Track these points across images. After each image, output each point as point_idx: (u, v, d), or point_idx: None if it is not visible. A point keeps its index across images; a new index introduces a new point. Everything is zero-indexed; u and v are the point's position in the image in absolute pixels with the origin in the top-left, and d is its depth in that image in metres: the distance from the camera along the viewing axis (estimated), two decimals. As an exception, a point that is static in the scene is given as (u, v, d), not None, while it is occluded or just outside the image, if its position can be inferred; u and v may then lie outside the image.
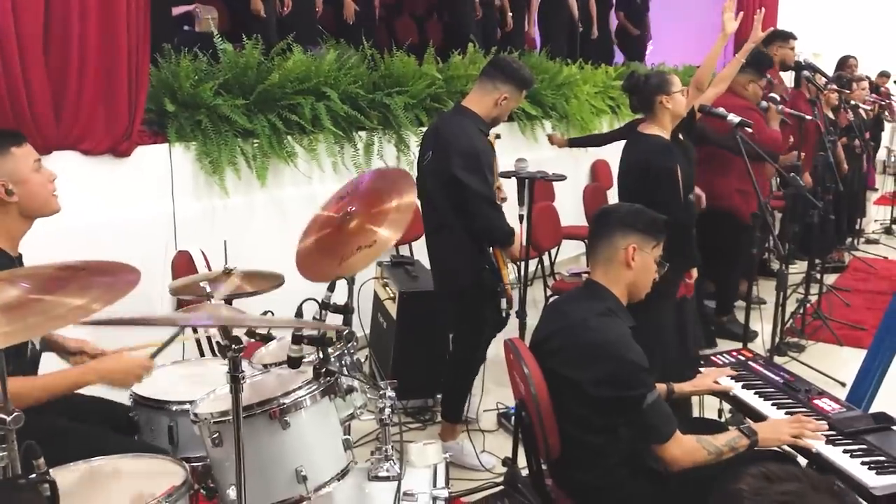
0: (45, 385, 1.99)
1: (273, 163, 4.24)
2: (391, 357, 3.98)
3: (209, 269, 3.52)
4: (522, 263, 3.44)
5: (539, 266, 6.06)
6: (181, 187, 3.82)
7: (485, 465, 3.43)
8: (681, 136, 4.02)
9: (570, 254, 6.77)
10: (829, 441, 2.19)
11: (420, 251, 4.13)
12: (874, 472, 2.03)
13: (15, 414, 1.36)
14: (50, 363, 2.32)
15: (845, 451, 2.13)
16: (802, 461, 2.30)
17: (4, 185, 2.07)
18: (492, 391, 4.09)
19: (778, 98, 4.82)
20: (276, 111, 4.22)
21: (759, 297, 5.43)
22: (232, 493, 1.85)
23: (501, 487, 3.25)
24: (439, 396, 3.78)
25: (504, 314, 3.42)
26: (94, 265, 1.44)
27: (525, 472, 2.65)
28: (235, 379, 1.58)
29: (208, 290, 1.48)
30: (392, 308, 4.06)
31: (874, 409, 2.46)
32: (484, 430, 3.80)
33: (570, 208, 6.60)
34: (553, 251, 6.28)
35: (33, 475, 1.32)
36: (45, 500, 1.32)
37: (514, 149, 5.71)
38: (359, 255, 2.08)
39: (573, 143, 5.34)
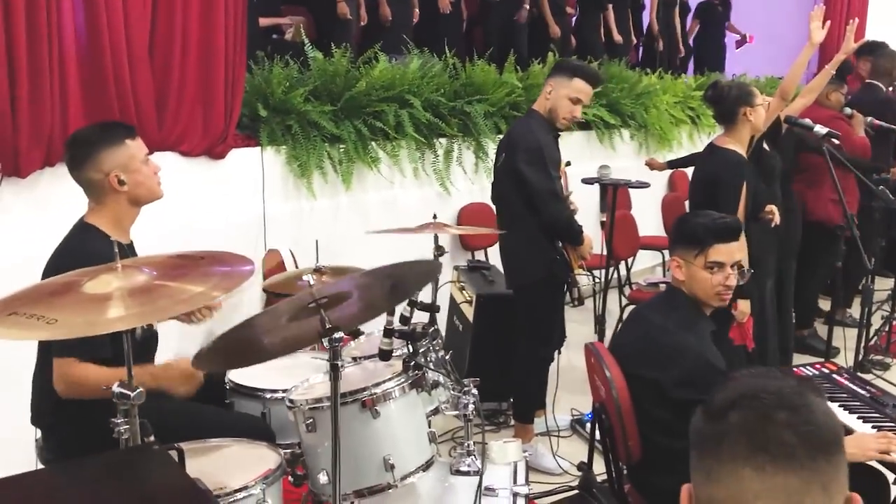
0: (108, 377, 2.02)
1: (357, 167, 4.37)
2: (467, 359, 4.04)
3: (297, 267, 3.66)
4: (602, 270, 3.48)
5: (615, 275, 6.05)
6: (271, 189, 3.98)
7: (561, 468, 3.46)
8: (766, 147, 3.99)
9: (646, 264, 6.74)
10: (917, 456, 2.15)
11: (495, 257, 4.19)
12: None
13: (138, 391, 1.47)
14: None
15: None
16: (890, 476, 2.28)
17: (118, 176, 2.20)
18: (563, 398, 4.11)
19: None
20: (362, 117, 4.36)
21: (852, 317, 5.30)
22: (322, 477, 1.95)
23: (576, 492, 3.28)
24: (512, 400, 3.83)
25: (575, 305, 3.51)
26: (212, 255, 1.56)
27: (599, 478, 2.68)
28: (335, 367, 1.67)
29: (311, 282, 1.57)
30: (468, 311, 4.13)
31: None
32: (558, 435, 3.83)
33: (647, 218, 6.57)
34: (629, 260, 6.26)
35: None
36: (175, 464, 1.43)
37: (590, 157, 5.73)
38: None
39: (672, 164, 5.30)
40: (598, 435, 3.25)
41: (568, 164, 3.75)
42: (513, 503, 2.13)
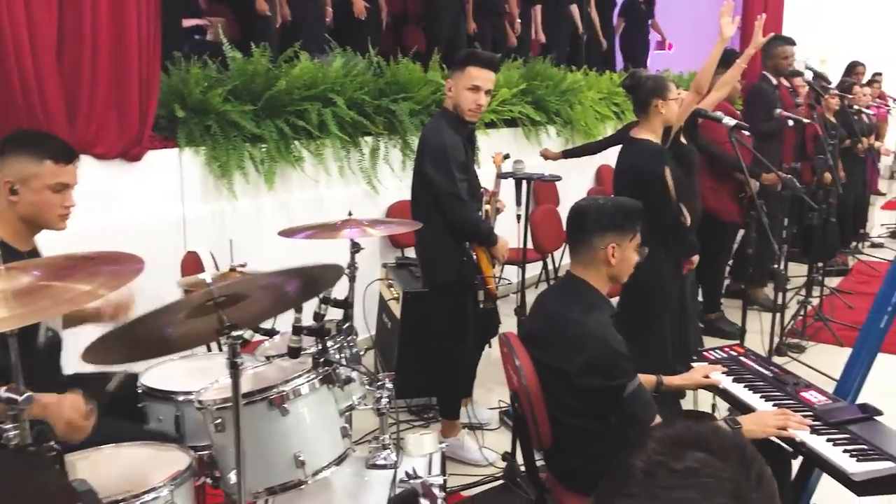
0: None
1: (280, 167, 4.34)
2: (395, 356, 4.06)
3: (217, 269, 3.62)
4: (520, 264, 3.52)
5: (543, 269, 6.15)
6: (191, 190, 3.93)
7: (487, 460, 3.50)
8: (683, 140, 4.11)
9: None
10: (814, 431, 2.25)
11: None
12: (855, 459, 2.09)
13: (26, 395, 1.45)
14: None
15: (829, 440, 2.19)
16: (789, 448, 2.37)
17: (10, 184, 2.15)
18: (495, 390, 4.17)
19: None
20: (284, 117, 4.33)
21: (762, 300, 5.49)
22: (233, 476, 1.94)
23: (501, 481, 3.34)
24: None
25: (482, 307, 3.49)
26: (102, 255, 1.54)
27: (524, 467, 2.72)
28: (234, 365, 1.67)
29: (209, 280, 1.56)
30: (396, 308, 4.14)
31: (860, 401, 2.51)
32: (486, 427, 3.88)
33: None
34: (558, 254, 6.36)
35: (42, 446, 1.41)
36: (54, 468, 1.41)
37: (518, 154, 5.77)
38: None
39: (567, 154, 5.41)
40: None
41: (506, 156, 3.80)
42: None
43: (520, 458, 2.79)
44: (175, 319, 1.61)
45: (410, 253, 5.11)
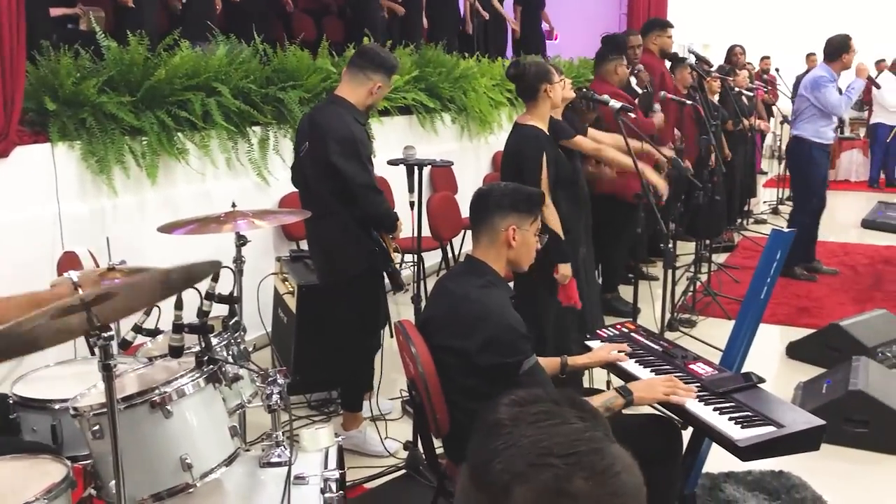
0: None
1: (164, 160, 4.16)
2: (292, 351, 3.97)
3: (97, 267, 3.44)
4: (419, 251, 3.50)
5: (443, 257, 6.14)
6: (66, 187, 3.72)
7: (388, 451, 3.47)
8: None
9: (473, 244, 6.88)
10: (701, 400, 2.32)
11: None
12: (739, 426, 2.17)
13: None
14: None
15: (715, 409, 2.26)
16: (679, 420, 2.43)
17: None
18: (398, 380, 4.14)
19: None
20: (165, 108, 4.15)
21: (652, 274, 5.66)
22: (114, 486, 1.84)
23: (403, 471, 3.31)
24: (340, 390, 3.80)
25: (394, 291, 3.48)
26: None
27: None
28: (107, 367, 1.57)
29: (75, 280, 1.46)
30: (292, 302, 4.05)
31: (744, 370, 2.60)
32: (388, 418, 3.84)
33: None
34: (458, 242, 6.37)
35: None
36: None
37: (414, 142, 5.76)
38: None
39: None
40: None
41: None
42: (324, 488, 2.09)
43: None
44: (42, 322, 1.49)
45: (304, 245, 5.01)
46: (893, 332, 4.54)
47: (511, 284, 2.58)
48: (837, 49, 5.89)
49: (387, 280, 3.45)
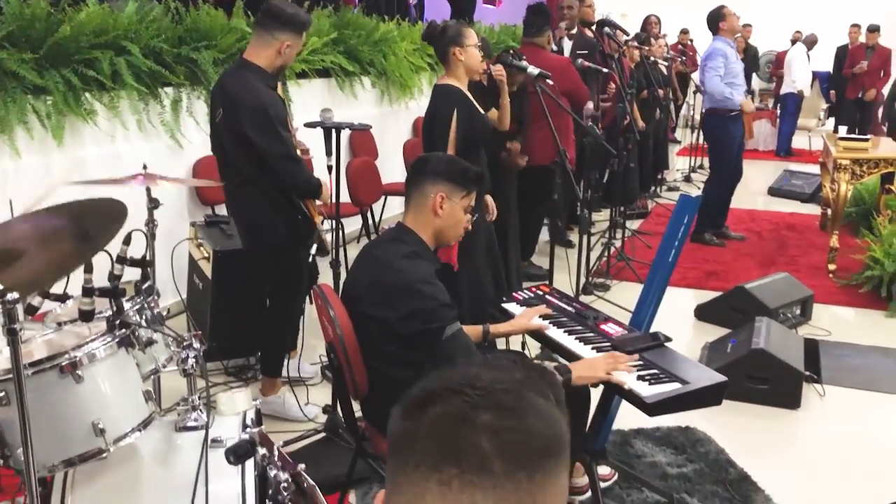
0: None
1: (70, 121, 4.00)
2: (208, 317, 3.92)
3: None
4: (337, 216, 3.47)
5: (363, 223, 6.13)
6: (-36, 148, 3.55)
7: (307, 416, 3.48)
8: None
9: (396, 210, 6.87)
10: (612, 359, 2.40)
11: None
12: (647, 383, 2.26)
13: None
14: None
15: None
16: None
17: None
18: (317, 346, 4.13)
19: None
20: (71, 66, 3.98)
21: (569, 240, 5.79)
22: (22, 452, 1.79)
23: (323, 434, 3.33)
24: (260, 354, 3.77)
25: (319, 255, 3.44)
26: None
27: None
28: (12, 331, 1.52)
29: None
30: (207, 268, 3.98)
31: (652, 330, 2.70)
32: (307, 383, 3.84)
33: (393, 165, 6.69)
34: (378, 208, 6.36)
35: None
36: None
37: (333, 106, 5.69)
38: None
39: None
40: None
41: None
42: (246, 424, 2.09)
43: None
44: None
45: (220, 210, 4.92)
46: (794, 294, 4.79)
47: None
48: (714, 20, 6.28)
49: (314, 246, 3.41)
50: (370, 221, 6.15)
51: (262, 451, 1.19)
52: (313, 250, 3.40)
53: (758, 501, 2.92)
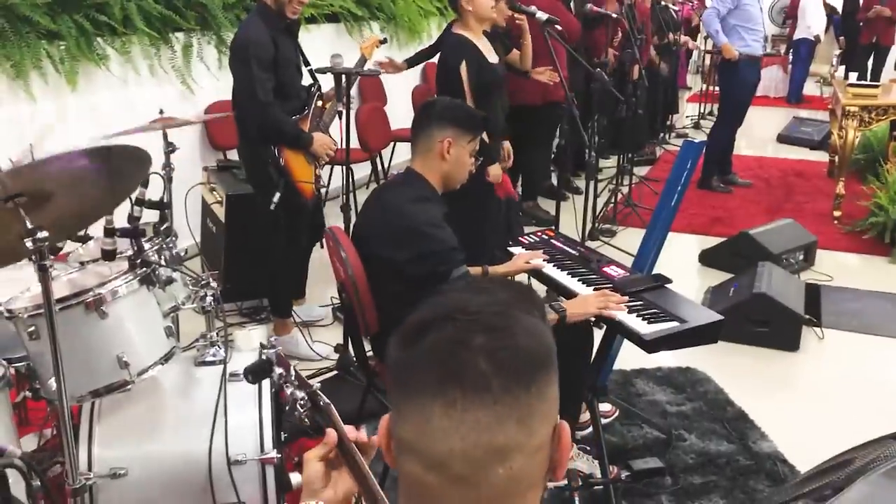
0: None
1: (84, 66, 4.05)
2: (223, 260, 4.01)
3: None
4: (347, 161, 3.53)
5: (373, 169, 6.18)
6: (-20, 93, 3.61)
7: (319, 355, 3.59)
8: None
9: (405, 156, 6.90)
10: (613, 300, 2.48)
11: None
12: (646, 322, 2.34)
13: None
14: None
15: (625, 307, 2.43)
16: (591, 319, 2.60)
17: None
18: (329, 289, 4.23)
19: None
20: (83, 11, 4.01)
21: (576, 186, 5.83)
22: (53, 383, 1.90)
23: (335, 372, 3.44)
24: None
25: (273, 207, 3.37)
26: None
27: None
28: (43, 268, 1.61)
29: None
30: (220, 212, 4.07)
31: (656, 273, 2.78)
32: (320, 324, 3.96)
33: (402, 111, 6.70)
34: (387, 154, 6.40)
35: None
36: None
37: (341, 51, 5.69)
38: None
39: (410, 63, 5.32)
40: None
41: (383, 41, 3.74)
42: (258, 384, 2.19)
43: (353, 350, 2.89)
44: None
45: (232, 155, 4.98)
46: (798, 240, 4.85)
47: None
48: None
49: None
50: (379, 167, 6.20)
51: (278, 370, 1.27)
52: (275, 198, 3.36)
53: (753, 437, 3.03)
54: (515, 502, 0.81)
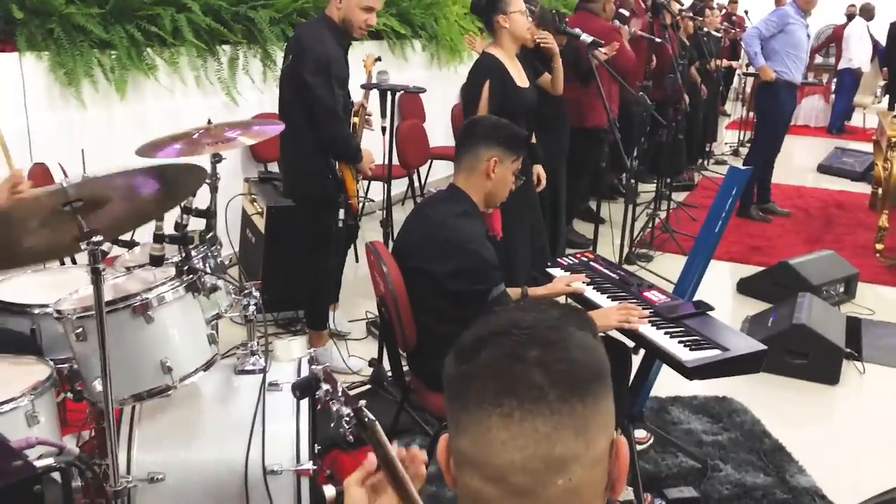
0: None
1: (133, 76, 4.13)
2: (261, 270, 4.05)
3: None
4: (389, 177, 3.55)
5: (409, 186, 6.21)
6: (34, 98, 3.69)
7: (352, 368, 3.60)
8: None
9: (441, 174, 6.93)
10: (653, 324, 2.46)
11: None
12: (688, 349, 2.32)
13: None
14: None
15: (666, 333, 2.41)
16: (630, 344, 2.58)
17: None
18: (361, 304, 4.25)
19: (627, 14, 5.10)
20: (135, 22, 4.10)
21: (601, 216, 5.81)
22: (98, 384, 1.92)
23: (368, 386, 3.45)
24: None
25: (342, 224, 3.43)
26: None
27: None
28: (96, 271, 1.64)
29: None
30: (260, 223, 4.11)
31: (695, 299, 2.75)
32: (353, 338, 3.97)
33: (440, 129, 6.74)
34: (424, 171, 6.42)
35: None
36: None
37: (385, 68, 5.76)
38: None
39: None
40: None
41: (378, 59, 3.77)
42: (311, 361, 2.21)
43: (387, 365, 2.89)
44: (30, 227, 1.55)
45: (273, 168, 5.04)
46: (838, 271, 4.77)
47: None
48: None
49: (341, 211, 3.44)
50: (415, 184, 6.23)
51: (325, 386, 1.28)
52: (341, 215, 3.42)
53: (791, 471, 2.97)
54: None
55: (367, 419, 1.23)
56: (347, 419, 1.25)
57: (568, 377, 0.81)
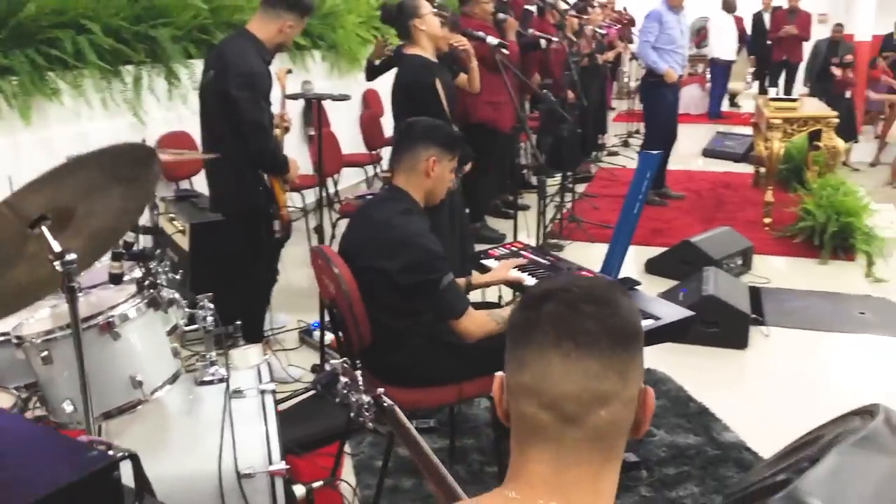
0: None
1: (36, 101, 4.03)
2: (187, 288, 4.01)
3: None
4: (322, 183, 3.59)
5: (323, 193, 6.23)
6: (-66, 129, 3.56)
7: (293, 377, 3.64)
8: None
9: (351, 181, 7.00)
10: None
11: (201, 185, 4.14)
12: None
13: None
14: None
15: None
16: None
17: None
18: (292, 312, 4.28)
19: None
20: (35, 46, 4.01)
21: (524, 204, 6.02)
22: (67, 406, 1.93)
23: (313, 392, 3.49)
24: (239, 322, 3.88)
25: (277, 236, 3.51)
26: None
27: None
28: (71, 290, 1.66)
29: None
30: (182, 241, 4.08)
31: (620, 276, 2.96)
32: (287, 348, 4.00)
33: (346, 137, 6.80)
34: (336, 178, 6.47)
35: None
36: None
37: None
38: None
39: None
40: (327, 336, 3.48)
41: (289, 71, 3.81)
42: (262, 400, 2.26)
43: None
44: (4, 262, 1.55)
45: (185, 186, 4.99)
46: (736, 245, 5.13)
47: None
48: None
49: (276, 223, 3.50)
50: (328, 192, 6.26)
51: (344, 379, 1.38)
52: (277, 226, 3.48)
53: (717, 430, 3.22)
54: (608, 444, 0.98)
55: (386, 405, 1.33)
56: (367, 407, 1.36)
57: (615, 330, 0.97)
